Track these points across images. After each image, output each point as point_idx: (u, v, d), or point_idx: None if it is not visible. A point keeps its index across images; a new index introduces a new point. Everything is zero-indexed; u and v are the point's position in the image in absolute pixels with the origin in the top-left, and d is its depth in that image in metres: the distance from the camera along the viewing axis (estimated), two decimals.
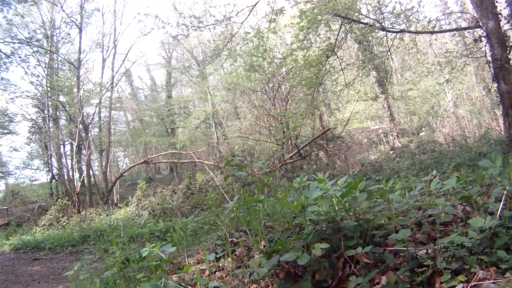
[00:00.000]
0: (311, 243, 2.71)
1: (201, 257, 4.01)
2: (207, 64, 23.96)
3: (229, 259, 3.55)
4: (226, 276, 3.44)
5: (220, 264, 3.65)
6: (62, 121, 32.49)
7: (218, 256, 3.77)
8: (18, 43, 19.14)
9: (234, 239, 3.87)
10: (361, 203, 2.86)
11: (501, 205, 2.93)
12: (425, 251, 2.60)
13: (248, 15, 15.92)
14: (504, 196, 2.99)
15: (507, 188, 2.77)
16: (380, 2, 14.63)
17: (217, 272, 3.55)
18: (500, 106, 12.62)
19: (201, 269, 3.62)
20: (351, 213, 3.10)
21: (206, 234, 4.92)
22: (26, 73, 21.31)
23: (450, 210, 2.84)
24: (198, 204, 16.00)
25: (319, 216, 2.91)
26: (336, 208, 3.02)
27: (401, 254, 2.65)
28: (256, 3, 15.48)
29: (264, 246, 3.30)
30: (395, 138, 23.34)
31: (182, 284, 3.16)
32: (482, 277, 2.20)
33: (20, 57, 19.09)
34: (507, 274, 2.17)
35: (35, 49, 21.32)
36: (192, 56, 37.72)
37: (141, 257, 4.00)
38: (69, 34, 24.37)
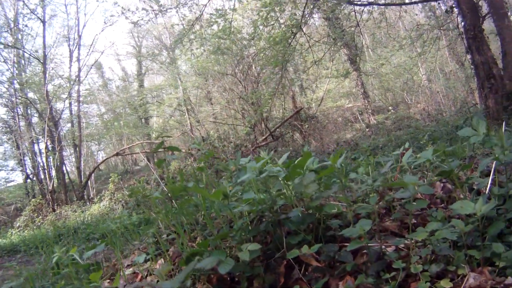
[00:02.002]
0: (241, 242, 2.05)
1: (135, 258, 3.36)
2: (174, 49, 23.25)
3: (161, 260, 2.91)
4: (157, 281, 2.78)
5: (152, 267, 2.99)
6: (35, 119, 31.28)
7: (150, 257, 3.09)
8: None
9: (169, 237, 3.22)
10: (307, 186, 2.15)
11: (489, 180, 2.32)
12: (394, 247, 1.96)
13: None
14: (492, 170, 2.37)
15: (498, 157, 2.09)
16: None
17: (148, 277, 2.88)
18: (475, 78, 12.19)
19: (133, 273, 3.02)
20: (299, 200, 2.41)
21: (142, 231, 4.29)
22: None
23: (426, 191, 2.16)
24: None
25: (251, 207, 2.19)
26: (274, 193, 2.33)
27: (364, 251, 1.99)
28: None
29: None
30: (370, 116, 22.89)
31: None
32: (474, 284, 1.56)
33: None
34: (509, 279, 1.54)
35: None
36: (161, 43, 36.82)
37: (72, 262, 3.40)
38: (26, 25, 23.34)
